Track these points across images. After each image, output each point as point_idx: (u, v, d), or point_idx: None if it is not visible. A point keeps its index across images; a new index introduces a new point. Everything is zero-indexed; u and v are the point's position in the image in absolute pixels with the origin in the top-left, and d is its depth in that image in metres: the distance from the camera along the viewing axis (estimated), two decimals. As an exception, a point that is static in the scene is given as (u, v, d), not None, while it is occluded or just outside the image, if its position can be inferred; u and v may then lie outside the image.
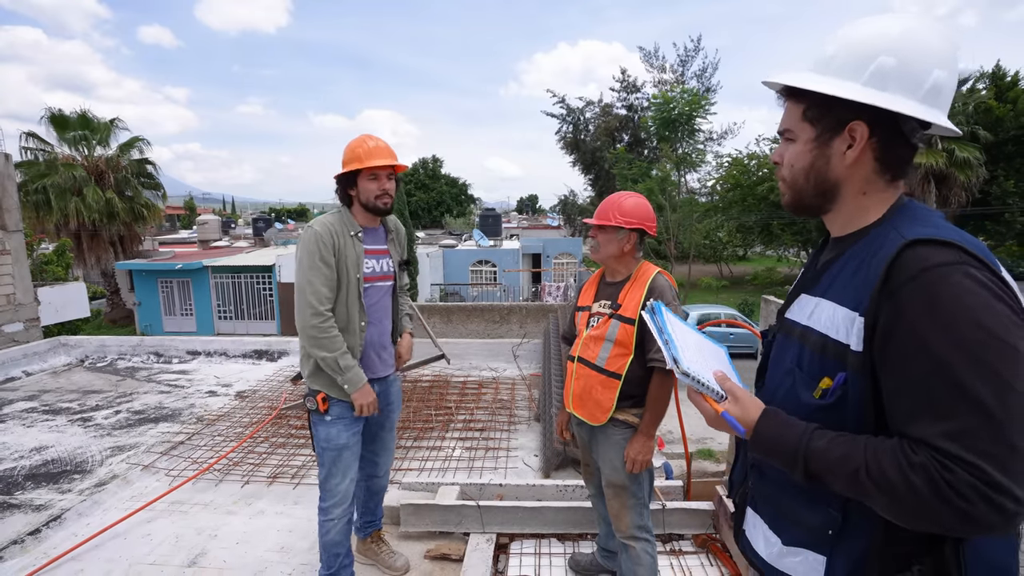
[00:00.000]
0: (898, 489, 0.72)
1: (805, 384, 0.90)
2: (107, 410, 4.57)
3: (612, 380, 1.94)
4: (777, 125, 0.97)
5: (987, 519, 0.68)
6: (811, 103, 0.87)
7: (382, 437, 2.36)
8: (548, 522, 2.69)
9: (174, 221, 50.48)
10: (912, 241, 0.76)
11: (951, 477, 0.69)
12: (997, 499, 0.67)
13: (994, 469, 0.68)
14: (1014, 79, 15.31)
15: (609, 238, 1.99)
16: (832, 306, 0.87)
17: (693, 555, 2.58)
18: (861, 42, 0.84)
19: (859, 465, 0.76)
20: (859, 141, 0.85)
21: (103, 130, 17.69)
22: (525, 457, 3.66)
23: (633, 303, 1.94)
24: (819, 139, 0.88)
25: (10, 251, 7.98)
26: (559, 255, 24.49)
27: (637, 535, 2.01)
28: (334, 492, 2.12)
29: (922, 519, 0.73)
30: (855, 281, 0.84)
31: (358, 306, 2.08)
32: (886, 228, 0.86)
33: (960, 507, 0.68)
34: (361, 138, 2.10)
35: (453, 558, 2.53)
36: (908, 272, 0.75)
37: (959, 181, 14.06)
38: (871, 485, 0.75)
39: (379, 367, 2.23)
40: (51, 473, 3.42)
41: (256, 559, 2.54)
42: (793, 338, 0.96)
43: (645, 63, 29.25)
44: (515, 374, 5.51)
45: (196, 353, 6.36)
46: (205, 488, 3.21)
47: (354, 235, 2.09)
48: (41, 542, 2.69)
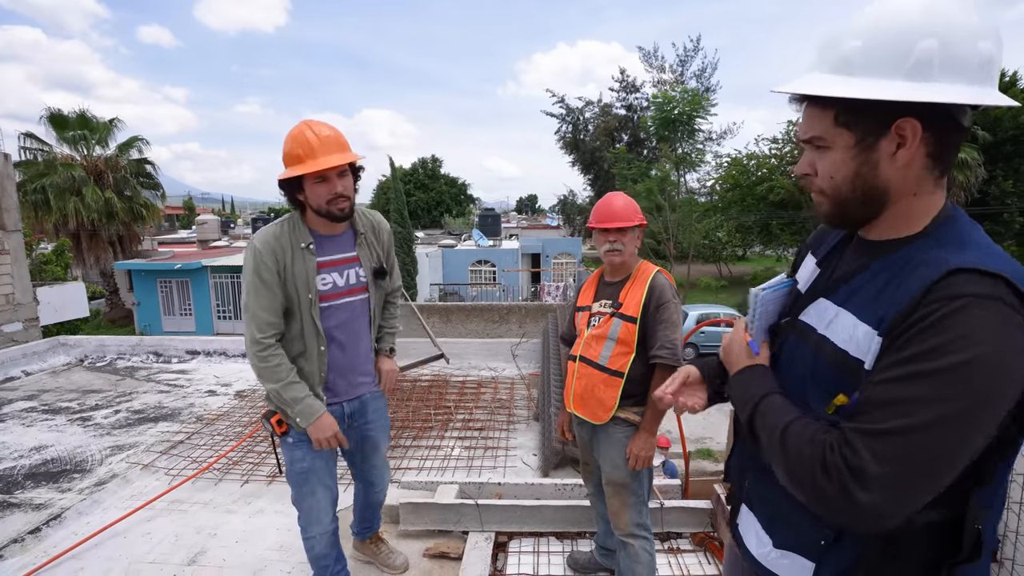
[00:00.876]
0: (789, 445, 0.80)
1: (818, 398, 0.86)
2: (106, 409, 4.58)
3: (615, 378, 1.95)
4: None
5: (837, 501, 0.72)
6: (843, 107, 0.78)
7: (368, 457, 2.11)
8: (547, 520, 2.70)
9: (173, 221, 50.44)
10: (957, 268, 0.70)
11: (830, 455, 0.73)
12: (850, 484, 0.71)
13: (870, 458, 0.70)
14: (1013, 79, 15.34)
15: (631, 239, 2.01)
16: (853, 320, 0.82)
17: (691, 553, 2.59)
18: (890, 30, 0.73)
19: (792, 418, 0.82)
20: (912, 140, 0.75)
21: (102, 130, 17.68)
22: (524, 456, 3.67)
23: (634, 301, 1.95)
24: (861, 144, 0.78)
25: (9, 251, 7.97)
26: (558, 255, 24.51)
27: (636, 533, 2.02)
28: (307, 514, 1.94)
29: (792, 480, 0.80)
30: (882, 298, 0.78)
31: (314, 330, 1.79)
32: (928, 245, 0.78)
33: (818, 481, 0.74)
34: (299, 129, 1.69)
35: (452, 556, 2.54)
36: (942, 295, 0.70)
37: (958, 181, 14.08)
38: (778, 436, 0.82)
39: (347, 390, 1.94)
40: (51, 472, 3.43)
41: (256, 557, 2.55)
42: (808, 344, 0.90)
43: (644, 63, 29.33)
44: (514, 374, 5.52)
45: (195, 353, 6.36)
46: (205, 487, 3.22)
47: (305, 247, 1.75)
48: (41, 541, 2.69)
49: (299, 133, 1.68)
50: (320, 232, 1.82)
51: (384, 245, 1.99)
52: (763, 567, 0.99)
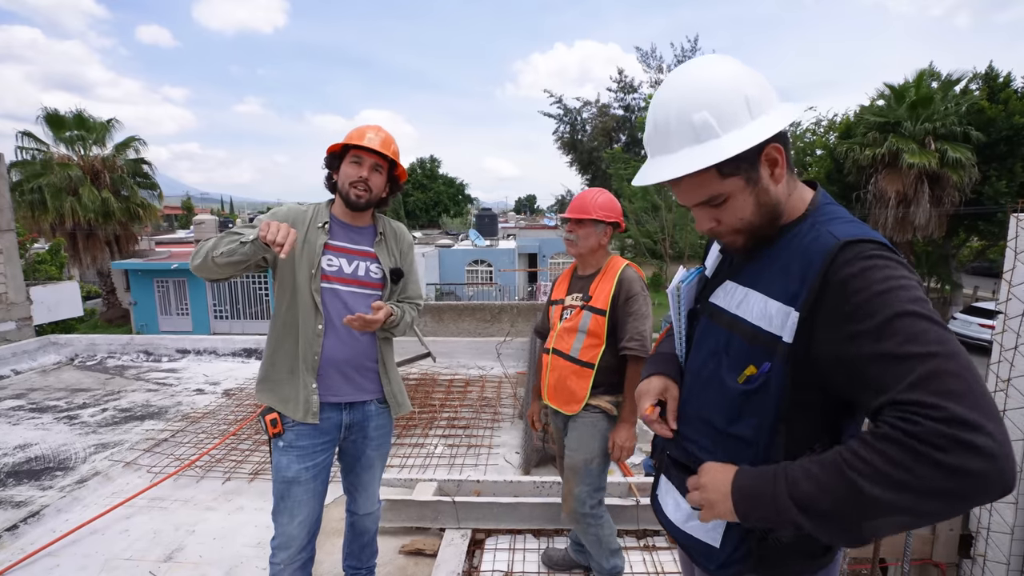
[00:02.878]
0: (879, 467, 0.70)
1: (731, 368, 0.96)
2: (93, 408, 4.59)
3: (586, 370, 2.02)
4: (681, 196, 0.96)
5: (971, 465, 0.65)
6: (720, 163, 0.87)
7: (357, 472, 1.96)
8: (524, 518, 2.71)
9: (172, 221, 50.40)
10: (848, 241, 0.84)
11: (918, 429, 0.67)
12: (967, 437, 0.65)
13: (957, 405, 0.66)
14: (1006, 80, 15.33)
15: (588, 232, 2.05)
16: (763, 299, 0.92)
17: (666, 551, 2.60)
18: (724, 90, 0.87)
19: (839, 461, 0.74)
20: (782, 158, 0.91)
21: (99, 130, 17.68)
22: (507, 454, 3.68)
23: (604, 294, 2.02)
24: (750, 181, 0.90)
25: (2, 250, 7.98)
26: (555, 255, 24.52)
27: (589, 513, 2.08)
28: (280, 531, 1.80)
29: (921, 493, 0.68)
30: (786, 276, 0.89)
31: (312, 306, 1.74)
32: (811, 225, 0.91)
33: (938, 459, 0.65)
34: (363, 126, 1.84)
35: (427, 553, 2.55)
36: (847, 260, 0.82)
37: (952, 181, 14.05)
38: (854, 473, 0.72)
39: (346, 390, 1.82)
40: (33, 470, 3.44)
41: (232, 554, 2.56)
42: (718, 324, 1.01)
43: (642, 63, 29.32)
44: (502, 372, 5.53)
45: (186, 352, 6.37)
46: (186, 484, 3.23)
47: (320, 226, 1.80)
48: (18, 538, 2.70)
49: (362, 126, 1.84)
50: (340, 220, 1.87)
51: (403, 252, 1.99)
52: (681, 531, 1.06)
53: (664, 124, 0.91)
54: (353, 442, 1.90)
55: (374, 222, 1.93)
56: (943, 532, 2.54)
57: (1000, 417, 0.70)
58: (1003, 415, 2.35)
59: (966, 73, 15.70)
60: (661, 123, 0.91)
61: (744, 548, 0.95)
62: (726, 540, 0.97)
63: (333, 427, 1.82)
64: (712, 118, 0.86)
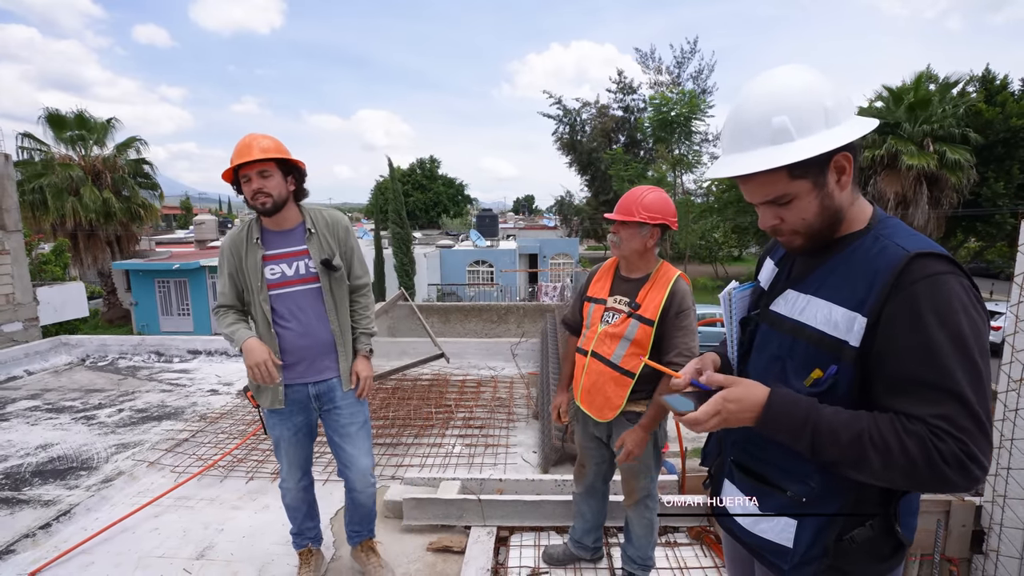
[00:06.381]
0: (894, 451, 0.86)
1: (796, 372, 1.01)
2: (110, 408, 4.63)
3: (625, 378, 1.97)
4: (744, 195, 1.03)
5: (960, 481, 0.85)
6: (794, 164, 0.93)
7: (342, 447, 2.21)
8: (547, 515, 2.77)
9: (170, 221, 50.28)
10: (918, 254, 0.90)
11: (942, 446, 0.84)
12: (971, 466, 0.84)
13: (972, 443, 0.84)
14: (1003, 83, 15.52)
15: (632, 234, 1.97)
16: (827, 305, 0.98)
17: (688, 547, 2.66)
18: (805, 98, 0.93)
19: (863, 428, 0.88)
20: (849, 167, 0.96)
21: (100, 130, 17.67)
22: (524, 453, 3.74)
23: (654, 305, 1.94)
24: (817, 185, 0.96)
25: (9, 251, 7.99)
26: (556, 255, 24.59)
27: (651, 495, 2.15)
28: (281, 469, 2.27)
29: (908, 478, 0.88)
30: (852, 284, 0.96)
31: (262, 313, 2.06)
32: (876, 238, 0.98)
33: (943, 471, 0.84)
34: (240, 142, 1.97)
35: (455, 550, 2.60)
36: (916, 276, 0.89)
37: (950, 183, 14.22)
38: (870, 447, 0.87)
39: (308, 373, 2.12)
40: (58, 470, 3.48)
41: (263, 552, 2.61)
42: (781, 331, 1.07)
43: (641, 64, 29.38)
44: (513, 373, 5.58)
45: (197, 352, 6.40)
46: (210, 484, 3.27)
47: (255, 242, 2.05)
48: (52, 536, 2.75)
49: (240, 142, 1.97)
50: (270, 229, 2.08)
51: (340, 239, 2.15)
52: (751, 534, 1.10)
53: (745, 124, 0.96)
54: (327, 412, 2.19)
55: (302, 219, 2.11)
56: (956, 528, 2.60)
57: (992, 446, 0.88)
58: (1015, 414, 2.42)
59: (963, 75, 15.86)
60: (743, 123, 0.97)
61: (819, 547, 1.00)
62: (799, 540, 1.02)
63: (303, 398, 2.15)
64: (790, 123, 0.92)
